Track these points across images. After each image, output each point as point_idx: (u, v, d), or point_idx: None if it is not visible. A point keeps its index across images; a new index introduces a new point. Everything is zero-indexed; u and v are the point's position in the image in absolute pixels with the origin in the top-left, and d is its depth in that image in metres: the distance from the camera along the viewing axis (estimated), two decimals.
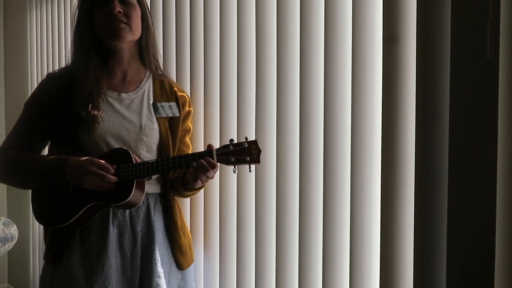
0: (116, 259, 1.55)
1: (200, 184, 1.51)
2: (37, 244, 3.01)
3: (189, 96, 1.76)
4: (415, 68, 1.15)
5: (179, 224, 1.65)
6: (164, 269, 1.59)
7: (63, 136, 1.57)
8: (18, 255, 3.23)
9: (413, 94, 1.16)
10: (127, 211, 1.57)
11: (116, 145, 1.53)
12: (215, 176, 1.60)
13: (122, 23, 1.53)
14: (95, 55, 1.57)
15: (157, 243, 1.58)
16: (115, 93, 1.59)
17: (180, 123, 1.65)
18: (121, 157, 1.49)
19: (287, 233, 1.50)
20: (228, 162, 1.45)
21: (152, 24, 1.66)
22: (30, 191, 1.63)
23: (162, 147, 1.60)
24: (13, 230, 2.89)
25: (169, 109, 1.62)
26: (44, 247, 1.63)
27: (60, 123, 1.56)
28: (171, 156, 1.56)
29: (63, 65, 2.58)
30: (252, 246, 1.61)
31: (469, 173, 1.05)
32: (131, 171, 1.46)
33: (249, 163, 1.43)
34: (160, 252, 1.58)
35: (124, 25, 1.53)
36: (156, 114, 1.61)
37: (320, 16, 1.39)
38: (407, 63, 1.19)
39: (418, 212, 1.15)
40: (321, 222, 1.40)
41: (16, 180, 1.61)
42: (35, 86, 2.94)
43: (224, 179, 1.70)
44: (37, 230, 2.99)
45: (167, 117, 1.63)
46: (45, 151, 1.71)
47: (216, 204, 1.74)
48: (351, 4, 1.31)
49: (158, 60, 1.70)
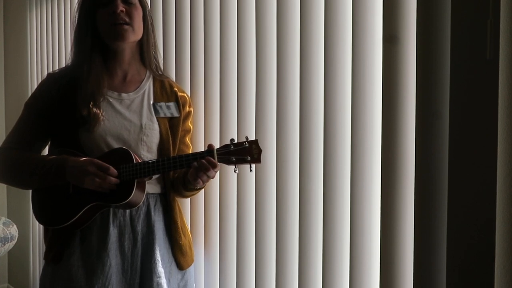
0: (117, 259, 1.55)
1: (201, 184, 1.52)
2: (37, 244, 3.01)
3: (189, 96, 1.76)
4: (415, 68, 1.15)
5: (179, 224, 1.65)
6: (165, 269, 1.59)
7: (63, 136, 1.57)
8: (18, 255, 3.23)
9: (413, 94, 1.16)
10: (127, 211, 1.57)
11: (117, 145, 1.53)
12: (215, 176, 1.60)
13: (125, 24, 1.53)
14: (97, 55, 1.57)
15: (157, 243, 1.58)
16: (116, 93, 1.59)
17: (180, 123, 1.65)
18: (122, 157, 1.49)
19: (287, 233, 1.50)
20: (229, 162, 1.45)
21: (153, 24, 1.66)
22: (31, 191, 1.63)
23: (163, 147, 1.60)
24: (13, 230, 2.89)
25: (168, 110, 1.63)
26: (44, 247, 1.63)
27: (60, 123, 1.56)
28: (172, 156, 1.56)
29: (63, 65, 2.58)
30: (252, 246, 1.61)
31: (469, 173, 1.05)
32: (132, 171, 1.47)
33: (250, 163, 1.44)
34: (161, 252, 1.58)
35: (127, 26, 1.53)
36: (156, 115, 1.61)
37: (320, 16, 1.39)
38: (407, 63, 1.19)
39: (418, 212, 1.15)
40: (321, 222, 1.40)
41: (16, 180, 1.61)
42: (35, 86, 2.94)
43: (224, 179, 1.70)
44: (37, 230, 2.99)
45: (167, 117, 1.63)
46: (45, 151, 1.72)
47: (216, 204, 1.74)
48: (351, 4, 1.31)
49: (159, 61, 1.70)
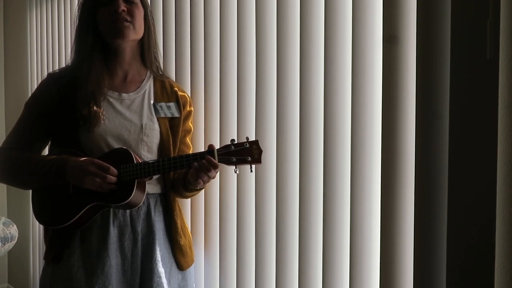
0: (117, 259, 1.55)
1: (202, 185, 1.51)
2: (37, 244, 3.01)
3: (190, 96, 1.76)
4: (415, 68, 1.15)
5: (179, 225, 1.65)
6: (165, 270, 1.59)
7: (64, 136, 1.57)
8: (18, 255, 3.23)
9: (413, 94, 1.16)
10: (128, 211, 1.57)
11: (117, 145, 1.53)
12: (216, 176, 1.60)
13: (126, 22, 1.53)
14: (97, 54, 1.57)
15: (158, 244, 1.58)
16: (116, 93, 1.59)
17: (181, 124, 1.65)
18: (122, 157, 1.49)
19: (287, 233, 1.50)
20: (230, 162, 1.45)
21: (154, 25, 1.66)
22: (31, 191, 1.63)
23: (163, 147, 1.60)
24: (13, 230, 2.89)
25: (168, 110, 1.62)
26: (44, 247, 1.63)
27: (61, 123, 1.56)
28: (172, 156, 1.56)
29: (63, 65, 2.59)
30: (252, 246, 1.61)
31: (469, 173, 1.05)
32: (132, 171, 1.46)
33: (251, 163, 1.43)
34: (161, 253, 1.58)
35: (128, 24, 1.53)
36: (156, 115, 1.61)
37: (320, 16, 1.39)
38: (407, 63, 1.19)
39: (418, 212, 1.15)
40: (321, 222, 1.40)
41: (16, 180, 1.61)
42: (35, 86, 2.94)
43: (224, 179, 1.70)
44: (37, 230, 2.99)
45: (168, 117, 1.63)
46: (45, 151, 1.72)
47: (216, 204, 1.74)
48: (351, 4, 1.31)
49: (159, 61, 1.70)
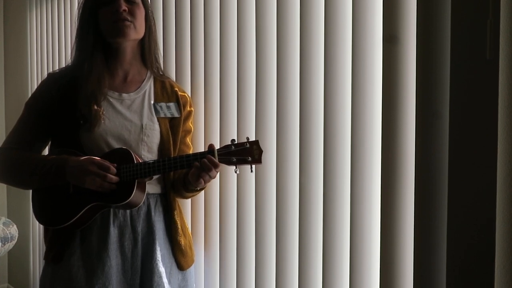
0: (117, 260, 1.55)
1: (203, 184, 1.51)
2: (37, 244, 3.01)
3: (190, 97, 1.76)
4: (415, 68, 1.15)
5: (180, 225, 1.64)
6: (165, 270, 1.58)
7: (64, 136, 1.57)
8: (18, 255, 3.23)
9: (413, 94, 1.16)
10: (128, 212, 1.57)
11: (117, 145, 1.53)
12: (216, 176, 1.60)
13: (127, 21, 1.53)
14: (99, 54, 1.57)
15: (158, 244, 1.58)
16: (116, 93, 1.59)
17: (181, 124, 1.65)
18: (122, 157, 1.49)
19: (287, 233, 1.50)
20: (230, 162, 1.45)
21: (155, 25, 1.66)
22: (31, 191, 1.63)
23: (163, 148, 1.60)
24: (13, 230, 2.89)
25: (168, 110, 1.62)
26: (44, 247, 1.63)
27: (61, 123, 1.56)
28: (173, 156, 1.56)
29: (63, 65, 2.59)
30: (252, 246, 1.61)
31: (469, 173, 1.05)
32: (132, 171, 1.46)
33: (251, 163, 1.43)
34: (161, 253, 1.58)
35: (129, 23, 1.54)
36: (156, 115, 1.61)
37: (320, 16, 1.39)
38: (407, 63, 1.19)
39: (418, 212, 1.15)
40: (321, 222, 1.40)
41: (16, 180, 1.61)
42: (35, 86, 2.94)
43: (224, 179, 1.70)
44: (37, 230, 2.99)
45: (168, 118, 1.63)
46: (46, 151, 1.72)
47: (216, 204, 1.74)
48: (351, 4, 1.31)
49: (160, 62, 1.70)
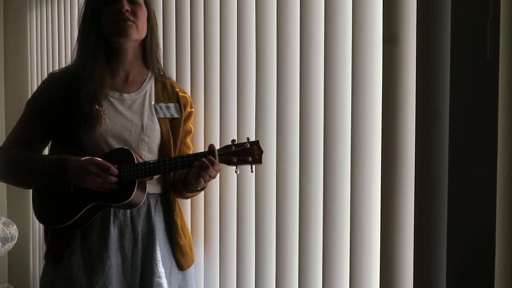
0: (117, 259, 1.55)
1: (203, 184, 1.52)
2: (37, 244, 3.01)
3: (191, 97, 1.76)
4: (415, 68, 1.15)
5: (180, 225, 1.64)
6: (165, 270, 1.58)
7: (64, 136, 1.57)
8: (18, 255, 3.23)
9: (413, 94, 1.16)
10: (128, 211, 1.57)
11: (117, 146, 1.53)
12: (216, 176, 1.60)
13: (129, 21, 1.53)
14: (100, 54, 1.57)
15: (158, 244, 1.58)
16: (117, 94, 1.59)
17: (182, 124, 1.65)
18: (123, 157, 1.49)
19: (287, 233, 1.50)
20: (230, 163, 1.45)
21: (157, 26, 1.66)
22: (31, 191, 1.63)
23: (163, 148, 1.60)
24: (13, 230, 2.89)
25: (167, 110, 1.62)
26: (44, 247, 1.63)
27: (61, 123, 1.56)
28: (173, 156, 1.56)
29: (63, 65, 2.59)
30: (252, 246, 1.61)
31: (469, 173, 1.05)
32: (133, 171, 1.46)
33: (251, 164, 1.43)
34: (161, 253, 1.58)
35: (131, 23, 1.54)
36: (156, 115, 1.61)
37: (320, 16, 1.39)
38: (407, 63, 1.19)
39: (418, 212, 1.15)
40: (321, 222, 1.40)
41: (17, 180, 1.61)
42: (35, 86, 2.95)
43: (224, 180, 1.70)
44: (37, 230, 2.99)
45: (168, 118, 1.63)
46: (46, 151, 1.72)
47: (216, 205, 1.74)
48: (351, 4, 1.31)
49: (161, 63, 1.70)
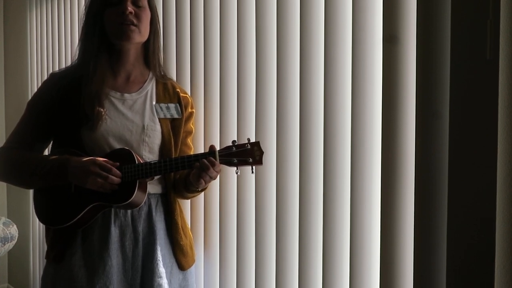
0: (118, 259, 1.55)
1: (204, 185, 1.52)
2: (37, 244, 3.01)
3: (191, 98, 1.75)
4: (415, 68, 1.15)
5: (180, 225, 1.65)
6: (166, 270, 1.59)
7: (65, 136, 1.57)
8: (18, 255, 3.23)
9: (413, 94, 1.16)
10: (129, 211, 1.57)
11: (118, 146, 1.53)
12: (217, 177, 1.60)
13: (132, 25, 1.53)
14: (104, 55, 1.57)
15: (159, 244, 1.58)
16: (118, 93, 1.59)
17: (182, 125, 1.65)
18: (124, 158, 1.49)
19: (287, 233, 1.50)
20: (231, 164, 1.45)
21: (160, 29, 1.66)
22: (32, 191, 1.63)
23: (164, 148, 1.60)
24: (13, 230, 2.89)
25: (168, 111, 1.63)
26: (45, 247, 1.63)
27: (62, 123, 1.56)
28: (174, 157, 1.56)
29: (63, 65, 2.59)
30: (252, 246, 1.61)
31: (469, 173, 1.05)
32: (134, 172, 1.47)
33: (252, 165, 1.43)
34: (162, 253, 1.58)
35: (134, 27, 1.54)
36: (156, 115, 1.61)
37: (320, 16, 1.39)
38: (407, 63, 1.19)
39: (418, 212, 1.15)
40: (321, 222, 1.40)
41: (18, 180, 1.62)
42: (35, 86, 2.95)
43: (224, 180, 1.70)
44: (37, 230, 2.99)
45: (169, 119, 1.63)
46: (46, 152, 1.72)
47: (216, 205, 1.74)
48: (351, 4, 1.31)
49: (162, 64, 1.70)
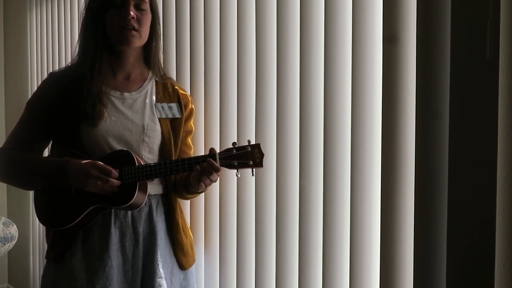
0: (118, 260, 1.54)
1: (204, 188, 1.52)
2: (37, 244, 3.01)
3: (191, 95, 1.75)
4: (415, 68, 1.15)
5: (181, 225, 1.64)
6: (166, 270, 1.59)
7: (65, 136, 1.56)
8: (18, 255, 3.23)
9: (413, 94, 1.16)
10: (129, 212, 1.56)
11: (118, 146, 1.53)
12: (217, 180, 1.60)
13: (134, 30, 1.53)
14: (105, 55, 1.57)
15: (159, 244, 1.58)
16: (118, 92, 1.59)
17: (182, 124, 1.65)
18: (123, 159, 1.48)
19: (287, 233, 1.50)
20: (231, 166, 1.44)
21: (161, 31, 1.66)
22: (33, 192, 1.63)
23: (164, 148, 1.60)
24: (13, 230, 2.89)
25: (170, 110, 1.62)
26: (45, 247, 1.63)
27: (62, 123, 1.56)
28: (174, 159, 1.55)
29: (63, 65, 2.59)
30: (252, 246, 1.61)
31: (469, 173, 1.05)
32: (134, 174, 1.46)
33: (252, 167, 1.43)
34: (162, 253, 1.58)
35: (135, 32, 1.53)
36: (157, 115, 1.61)
37: (320, 16, 1.39)
38: (407, 63, 1.19)
39: (418, 212, 1.15)
40: (321, 222, 1.40)
41: (18, 181, 1.62)
42: (35, 86, 2.95)
43: (225, 180, 1.70)
44: (37, 230, 2.99)
45: (169, 118, 1.62)
46: (46, 152, 1.72)
47: (216, 205, 1.74)
48: (351, 4, 1.31)
49: (162, 66, 1.70)
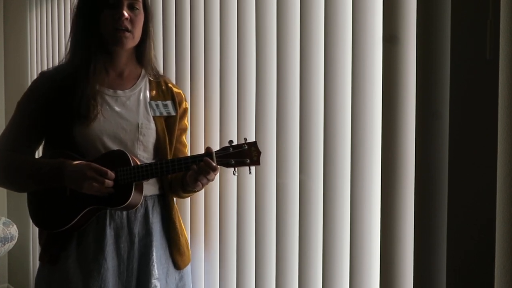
0: (113, 261, 1.53)
1: (201, 187, 1.51)
2: (37, 244, 2.99)
3: (186, 95, 1.75)
4: (415, 68, 1.15)
5: (177, 224, 1.64)
6: (162, 271, 1.58)
7: (58, 136, 1.55)
8: (18, 255, 3.23)
9: (413, 94, 1.16)
10: (124, 213, 1.56)
11: (113, 145, 1.52)
12: (214, 179, 1.59)
13: (127, 31, 1.52)
14: (99, 55, 1.56)
15: (155, 245, 1.57)
16: (111, 90, 1.57)
17: (177, 122, 1.64)
18: (118, 159, 1.47)
19: (287, 233, 1.50)
20: (228, 165, 1.44)
21: (153, 29, 1.65)
22: (26, 194, 1.61)
23: (159, 147, 1.59)
24: (13, 230, 2.89)
25: (164, 108, 1.61)
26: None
27: (55, 123, 1.54)
28: (170, 159, 1.54)
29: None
30: (252, 246, 1.61)
31: (469, 173, 1.05)
32: (130, 174, 1.45)
33: (249, 165, 1.43)
34: (158, 254, 1.58)
35: (129, 34, 1.52)
36: (152, 113, 1.59)
37: (320, 16, 1.39)
38: (407, 63, 1.19)
39: (418, 212, 1.15)
40: (321, 222, 1.40)
41: (13, 184, 1.60)
42: None
43: (224, 179, 1.70)
44: (37, 230, 2.98)
45: (164, 116, 1.62)
46: (39, 153, 1.71)
47: (216, 204, 1.74)
48: (351, 4, 1.31)
49: (155, 64, 1.69)
